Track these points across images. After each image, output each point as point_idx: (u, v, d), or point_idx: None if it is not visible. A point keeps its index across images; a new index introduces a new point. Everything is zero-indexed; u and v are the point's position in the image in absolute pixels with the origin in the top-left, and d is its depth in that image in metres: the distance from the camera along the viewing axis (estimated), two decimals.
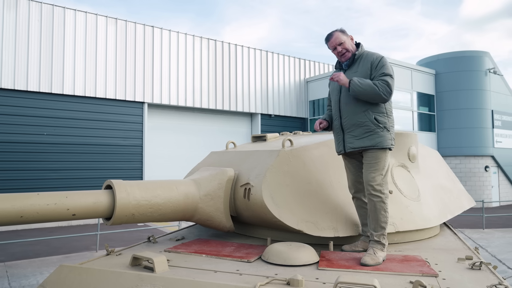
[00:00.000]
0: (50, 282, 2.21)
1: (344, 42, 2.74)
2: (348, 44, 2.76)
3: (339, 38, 2.74)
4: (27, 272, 6.76)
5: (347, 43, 2.76)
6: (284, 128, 17.05)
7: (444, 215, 3.42)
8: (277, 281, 1.93)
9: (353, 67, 2.77)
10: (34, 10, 11.99)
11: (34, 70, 11.89)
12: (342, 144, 2.75)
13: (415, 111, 17.48)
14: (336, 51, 2.77)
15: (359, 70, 2.71)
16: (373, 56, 2.71)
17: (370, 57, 2.70)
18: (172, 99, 14.56)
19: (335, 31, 2.79)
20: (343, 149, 2.75)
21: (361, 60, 2.74)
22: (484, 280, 2.00)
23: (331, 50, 2.81)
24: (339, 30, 2.79)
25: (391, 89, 2.59)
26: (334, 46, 2.76)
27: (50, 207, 2.32)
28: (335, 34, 2.77)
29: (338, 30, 2.79)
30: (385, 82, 2.57)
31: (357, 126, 2.65)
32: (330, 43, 2.79)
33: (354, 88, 2.57)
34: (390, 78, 2.61)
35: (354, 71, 2.73)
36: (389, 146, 2.61)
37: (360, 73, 2.69)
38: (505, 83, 19.37)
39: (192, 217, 2.96)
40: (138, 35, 13.95)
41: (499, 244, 9.42)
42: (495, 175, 18.57)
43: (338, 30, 2.80)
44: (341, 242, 2.79)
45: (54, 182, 12.03)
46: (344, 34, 2.78)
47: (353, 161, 2.79)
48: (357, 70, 2.72)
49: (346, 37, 2.78)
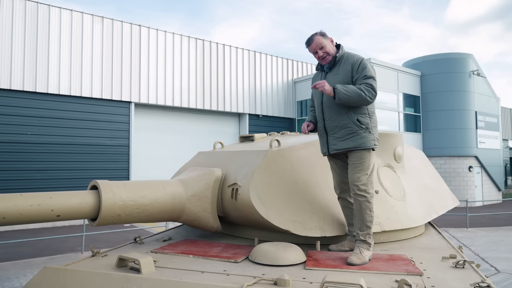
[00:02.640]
0: (33, 284, 2.17)
1: (324, 46, 2.74)
2: (329, 47, 2.75)
3: (319, 42, 2.74)
4: (10, 275, 6.63)
5: (328, 46, 2.75)
6: (272, 128, 17.08)
7: (429, 215, 3.47)
8: (264, 281, 1.94)
9: (334, 69, 2.77)
10: (18, 7, 11.77)
11: (18, 68, 11.67)
12: (326, 146, 2.78)
13: (401, 112, 17.70)
14: (317, 55, 2.77)
15: (340, 72, 2.71)
16: (354, 58, 2.71)
17: (351, 59, 2.71)
18: (159, 99, 14.46)
19: (315, 34, 2.78)
20: (327, 151, 2.77)
21: (342, 62, 2.74)
22: (467, 278, 2.04)
23: (312, 53, 2.81)
24: (319, 34, 2.77)
25: (375, 91, 2.61)
26: (315, 50, 2.76)
27: (34, 208, 2.27)
28: (316, 38, 2.75)
29: (318, 34, 2.77)
30: (369, 86, 2.59)
31: (340, 127, 2.67)
32: (310, 47, 2.78)
33: (340, 96, 2.56)
34: (373, 80, 2.62)
35: (335, 73, 2.74)
36: (372, 146, 2.64)
37: (341, 75, 2.70)
38: (488, 85, 19.75)
39: (179, 218, 2.94)
40: (125, 34, 13.81)
41: (482, 243, 9.60)
42: (479, 175, 18.93)
43: (318, 33, 2.77)
44: (328, 242, 2.81)
45: (38, 183, 11.83)
46: (324, 37, 2.76)
47: (338, 162, 2.81)
48: (338, 72, 2.72)
49: (327, 40, 2.76)
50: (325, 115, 2.76)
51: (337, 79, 2.69)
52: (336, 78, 2.69)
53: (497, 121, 20.25)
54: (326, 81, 2.66)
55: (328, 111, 2.73)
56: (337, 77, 2.70)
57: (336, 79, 2.69)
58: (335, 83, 2.64)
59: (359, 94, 2.56)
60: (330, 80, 2.71)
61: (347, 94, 2.56)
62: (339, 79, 2.68)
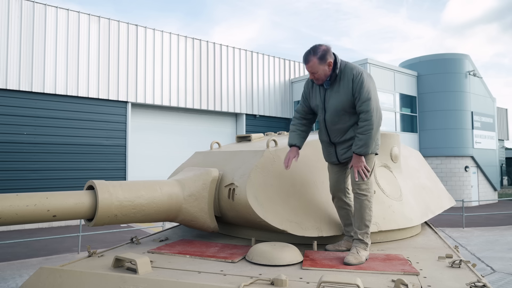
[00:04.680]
0: (29, 284, 2.16)
1: (317, 73, 2.61)
2: (322, 74, 2.61)
3: (314, 68, 2.60)
4: (5, 275, 6.60)
5: (321, 73, 2.61)
6: (269, 129, 17.09)
7: (426, 215, 3.48)
8: (261, 281, 1.94)
9: (334, 86, 2.66)
10: (14, 6, 11.71)
11: (13, 68, 11.61)
12: (334, 155, 2.77)
13: (398, 112, 17.75)
14: (312, 75, 2.67)
15: (341, 90, 2.61)
16: (352, 72, 2.59)
17: (349, 73, 2.59)
18: (156, 99, 14.43)
19: (312, 55, 2.60)
20: (337, 160, 2.76)
21: (341, 77, 2.63)
22: (463, 278, 2.05)
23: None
24: (317, 57, 2.58)
25: (376, 112, 2.52)
26: (309, 71, 2.66)
27: (30, 208, 2.26)
28: (312, 61, 2.60)
29: (316, 57, 2.58)
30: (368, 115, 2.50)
31: (347, 140, 2.68)
32: (306, 67, 2.67)
33: (366, 152, 2.53)
34: (371, 102, 2.51)
35: (336, 91, 2.64)
36: (376, 151, 2.66)
37: (343, 93, 2.60)
38: (484, 85, 19.84)
39: (176, 218, 2.93)
40: (122, 33, 13.77)
41: (478, 242, 9.65)
42: (475, 175, 19.01)
43: (316, 56, 2.58)
44: (325, 242, 2.82)
45: (34, 183, 11.77)
46: (321, 62, 2.58)
47: (338, 165, 2.82)
48: (339, 90, 2.62)
49: (323, 66, 2.59)
50: (329, 132, 2.73)
51: (339, 98, 2.62)
52: (339, 97, 2.62)
53: (493, 121, 20.34)
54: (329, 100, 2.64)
55: (332, 128, 2.71)
56: (339, 96, 2.62)
57: (339, 98, 2.62)
58: (338, 102, 2.61)
59: (370, 135, 2.51)
60: (332, 99, 2.64)
61: (367, 144, 2.52)
62: (342, 97, 2.61)
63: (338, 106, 2.63)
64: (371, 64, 16.18)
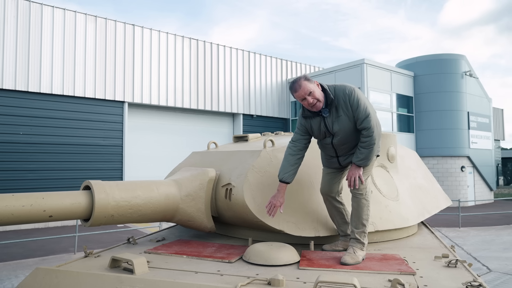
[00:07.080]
0: (25, 285, 2.15)
1: (313, 92, 2.46)
2: (318, 93, 2.48)
3: (307, 88, 2.45)
4: (1, 276, 6.57)
5: (317, 92, 2.48)
6: (266, 129, 17.09)
7: (422, 215, 3.50)
8: (258, 281, 1.94)
9: (332, 112, 2.54)
10: (10, 5, 11.66)
11: (9, 67, 11.56)
12: (336, 163, 2.74)
13: (394, 112, 17.80)
14: (306, 102, 2.48)
15: (342, 114, 2.51)
16: (343, 92, 2.50)
17: (341, 95, 2.50)
18: (153, 99, 14.40)
19: (300, 79, 2.47)
20: (339, 165, 2.74)
21: (338, 101, 2.51)
22: (459, 278, 2.06)
23: (300, 100, 2.52)
24: (303, 78, 2.47)
25: (375, 126, 2.50)
26: (303, 97, 2.47)
27: (26, 209, 2.25)
28: (302, 83, 2.45)
29: (303, 78, 2.47)
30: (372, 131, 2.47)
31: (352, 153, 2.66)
32: (298, 94, 2.47)
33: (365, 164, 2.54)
34: (369, 118, 2.47)
35: (336, 116, 2.53)
36: (377, 153, 2.66)
37: (346, 116, 2.52)
38: (480, 85, 19.93)
39: (172, 218, 2.93)
40: (119, 33, 13.74)
41: (474, 242, 9.69)
42: (471, 175, 19.09)
43: (302, 78, 2.48)
44: (321, 242, 2.82)
45: (30, 183, 11.72)
46: (310, 82, 2.48)
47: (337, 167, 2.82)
48: (340, 114, 2.52)
49: (313, 85, 2.48)
50: (337, 150, 2.68)
51: (345, 122, 2.53)
52: (344, 121, 2.53)
53: (489, 122, 20.44)
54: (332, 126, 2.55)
55: (340, 148, 2.66)
56: (342, 120, 2.53)
57: (344, 122, 2.53)
58: (346, 126, 2.53)
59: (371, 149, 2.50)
60: (337, 124, 2.54)
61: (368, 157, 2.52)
62: (346, 121, 2.52)
63: (347, 130, 2.55)
64: (368, 65, 16.19)
